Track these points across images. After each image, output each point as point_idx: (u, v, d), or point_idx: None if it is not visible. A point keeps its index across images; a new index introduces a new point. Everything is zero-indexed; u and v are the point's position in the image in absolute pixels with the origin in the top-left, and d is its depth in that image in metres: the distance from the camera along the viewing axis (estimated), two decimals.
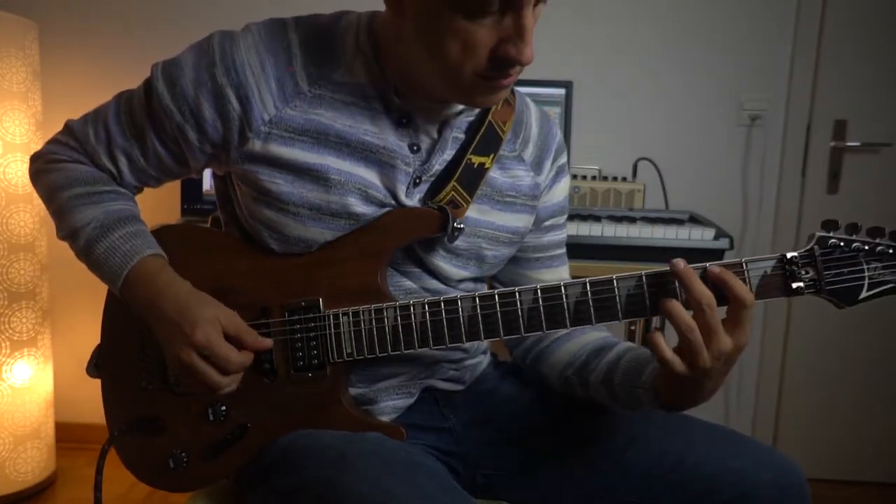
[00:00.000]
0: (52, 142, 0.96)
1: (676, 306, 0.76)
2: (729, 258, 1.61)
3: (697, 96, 2.21)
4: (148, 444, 0.92)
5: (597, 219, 1.66)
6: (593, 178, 1.99)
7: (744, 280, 0.79)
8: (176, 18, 2.23)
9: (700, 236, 1.58)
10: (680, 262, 0.77)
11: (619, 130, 2.22)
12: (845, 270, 0.80)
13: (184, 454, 0.90)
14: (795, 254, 0.80)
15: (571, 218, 1.64)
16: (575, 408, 0.97)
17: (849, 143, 2.22)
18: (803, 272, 0.80)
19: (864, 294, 0.80)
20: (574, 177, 1.97)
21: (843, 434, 2.33)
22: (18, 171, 1.89)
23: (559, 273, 1.06)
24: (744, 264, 0.80)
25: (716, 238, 1.58)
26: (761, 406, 2.35)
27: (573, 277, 0.89)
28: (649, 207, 1.97)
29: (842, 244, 0.80)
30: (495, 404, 1.01)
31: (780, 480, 0.86)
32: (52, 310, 2.14)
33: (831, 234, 0.81)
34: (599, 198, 1.92)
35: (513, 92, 0.96)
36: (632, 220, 1.68)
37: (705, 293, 0.75)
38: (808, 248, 0.81)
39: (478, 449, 0.97)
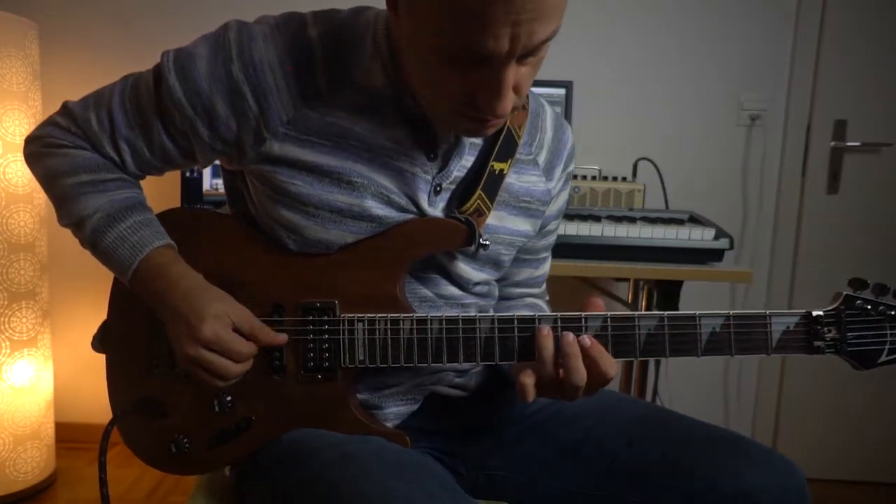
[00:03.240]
0: (51, 124, 0.91)
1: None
2: (728, 258, 1.62)
3: (697, 96, 2.21)
4: (151, 426, 0.91)
5: (597, 219, 1.66)
6: (593, 178, 1.99)
7: (765, 332, 0.80)
8: (175, 18, 2.23)
9: (700, 236, 1.58)
10: (569, 336, 0.79)
11: (619, 130, 2.22)
12: (868, 334, 0.81)
13: (186, 440, 0.89)
14: (821, 312, 0.81)
15: (571, 218, 1.64)
16: (574, 409, 0.97)
17: (849, 143, 2.22)
18: (826, 331, 0.81)
19: (883, 358, 0.82)
20: (574, 177, 1.95)
21: (844, 435, 2.33)
22: (18, 171, 1.89)
23: (543, 268, 1.08)
24: (767, 317, 0.80)
25: (716, 238, 1.58)
26: (761, 407, 2.35)
27: (573, 278, 0.88)
28: (649, 207, 1.97)
29: (868, 307, 0.81)
30: (497, 408, 1.00)
31: (779, 483, 0.85)
32: (52, 310, 2.14)
33: (858, 295, 0.81)
34: (599, 198, 1.92)
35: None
36: (632, 220, 1.67)
37: (580, 373, 0.79)
38: (834, 307, 0.81)
39: (479, 450, 0.97)
